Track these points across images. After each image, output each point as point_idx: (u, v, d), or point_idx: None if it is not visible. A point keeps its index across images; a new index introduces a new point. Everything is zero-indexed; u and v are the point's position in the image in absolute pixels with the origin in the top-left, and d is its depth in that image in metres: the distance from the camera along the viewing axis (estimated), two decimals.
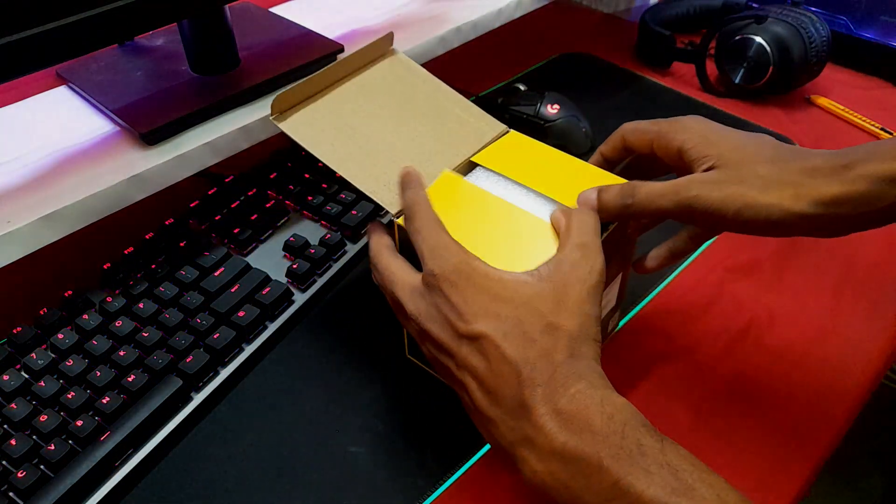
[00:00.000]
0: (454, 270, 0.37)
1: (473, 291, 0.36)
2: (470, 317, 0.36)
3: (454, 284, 0.36)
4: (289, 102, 0.47)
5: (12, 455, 0.44)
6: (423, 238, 0.39)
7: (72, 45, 0.51)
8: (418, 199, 0.41)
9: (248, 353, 0.52)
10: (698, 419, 0.49)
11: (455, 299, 0.36)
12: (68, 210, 0.52)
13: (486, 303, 0.36)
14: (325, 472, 0.46)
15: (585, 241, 0.38)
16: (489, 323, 0.35)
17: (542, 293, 0.36)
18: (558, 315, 0.35)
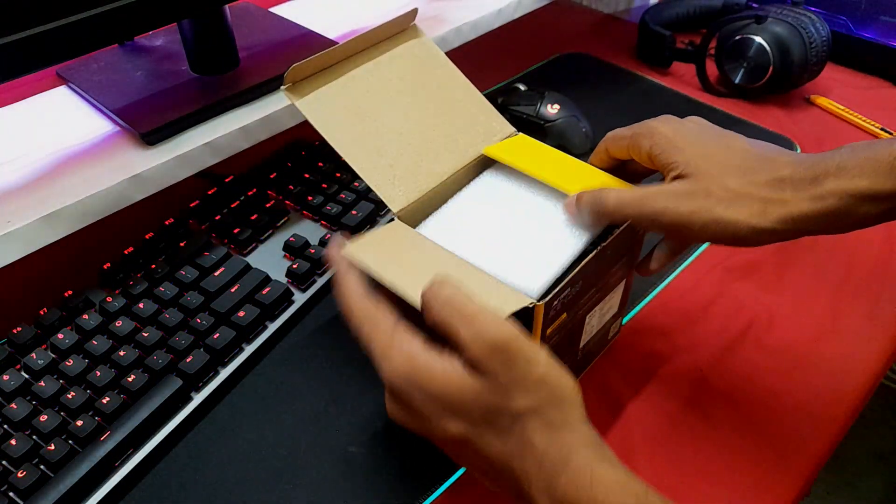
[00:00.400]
0: (405, 377, 0.35)
1: (428, 397, 0.34)
2: (438, 420, 0.35)
3: (408, 393, 0.35)
4: (303, 73, 0.45)
5: (12, 455, 0.44)
6: (367, 340, 0.37)
7: (72, 45, 0.51)
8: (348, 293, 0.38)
9: (248, 353, 0.52)
10: (698, 419, 0.49)
11: (416, 405, 0.35)
12: (68, 210, 0.52)
13: (444, 407, 0.34)
14: (325, 472, 0.46)
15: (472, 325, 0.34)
16: (459, 425, 0.34)
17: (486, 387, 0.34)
18: (516, 400, 0.33)
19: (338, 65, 0.47)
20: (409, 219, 0.45)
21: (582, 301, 0.44)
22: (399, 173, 0.45)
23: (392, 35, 0.50)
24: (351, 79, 0.47)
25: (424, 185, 0.46)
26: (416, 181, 0.46)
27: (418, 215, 0.46)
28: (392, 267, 0.40)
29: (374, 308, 0.37)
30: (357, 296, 0.38)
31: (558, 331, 0.42)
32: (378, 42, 0.50)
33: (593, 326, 0.48)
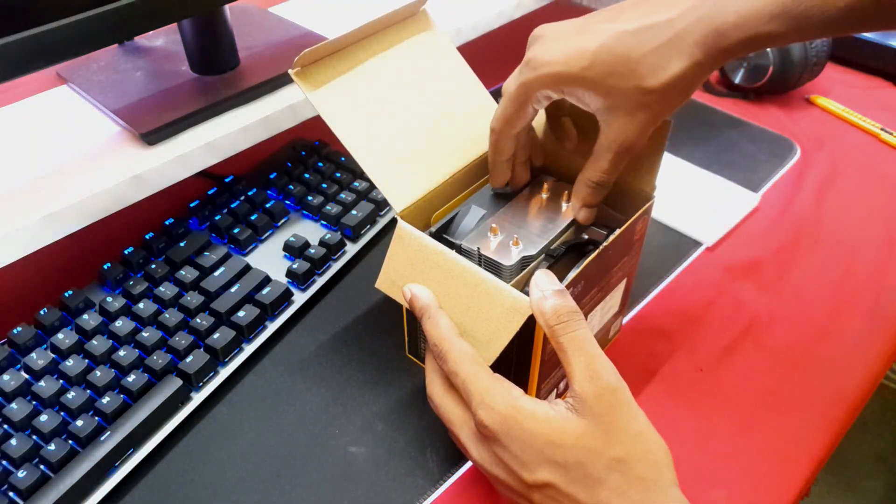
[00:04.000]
0: (503, 421, 0.36)
1: (528, 439, 0.35)
2: (532, 466, 0.35)
3: (508, 435, 0.35)
4: (312, 58, 0.44)
5: (12, 455, 0.44)
6: (465, 382, 0.38)
7: (72, 45, 0.51)
8: (443, 333, 0.39)
9: (248, 353, 0.52)
10: (698, 419, 0.49)
11: (512, 450, 0.35)
12: (68, 210, 0.52)
13: (542, 450, 0.35)
14: (325, 472, 0.46)
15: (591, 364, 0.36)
16: (552, 471, 0.34)
17: (589, 429, 0.35)
18: (614, 446, 0.34)
19: (348, 51, 0.47)
20: (411, 217, 0.45)
21: (583, 301, 0.44)
22: (404, 171, 0.45)
23: (402, 20, 0.50)
24: (361, 70, 0.47)
25: (428, 184, 0.46)
26: (419, 179, 0.46)
27: (420, 214, 0.46)
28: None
29: (472, 351, 0.39)
30: (453, 337, 0.39)
31: None
32: (388, 27, 0.49)
33: (594, 326, 0.48)
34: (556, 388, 0.48)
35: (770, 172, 0.71)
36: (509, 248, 0.44)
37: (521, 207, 0.48)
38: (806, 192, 0.69)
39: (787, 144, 0.75)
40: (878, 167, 0.72)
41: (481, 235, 0.45)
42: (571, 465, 0.34)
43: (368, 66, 0.47)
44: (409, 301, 0.42)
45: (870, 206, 0.67)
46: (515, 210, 0.48)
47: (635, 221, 0.45)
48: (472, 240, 0.45)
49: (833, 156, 0.73)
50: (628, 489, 0.34)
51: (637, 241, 0.47)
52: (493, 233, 0.45)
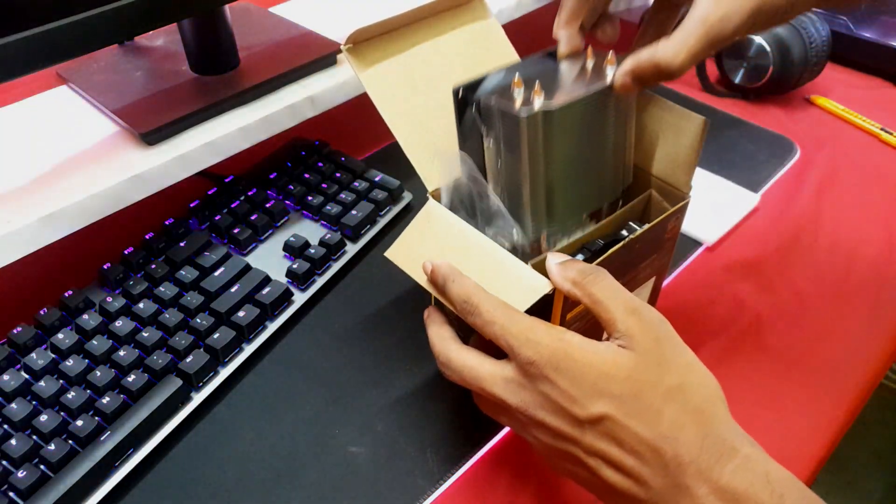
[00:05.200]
0: (553, 354, 0.34)
1: (579, 371, 0.33)
2: (585, 400, 0.33)
3: (558, 369, 0.34)
4: (364, 35, 0.45)
5: (12, 455, 0.44)
6: (503, 327, 0.36)
7: (72, 45, 0.51)
8: (471, 289, 0.38)
9: (248, 353, 0.52)
10: None
11: (563, 384, 0.33)
12: (68, 210, 0.52)
13: (595, 382, 0.33)
14: (325, 472, 0.46)
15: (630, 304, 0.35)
16: (607, 403, 0.33)
17: (641, 361, 0.34)
18: (669, 376, 0.33)
19: (400, 33, 0.47)
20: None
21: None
22: (441, 152, 0.45)
23: (458, 6, 0.49)
24: (412, 53, 0.47)
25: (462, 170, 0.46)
26: (454, 162, 0.46)
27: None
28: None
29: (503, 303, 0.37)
30: (481, 291, 0.38)
31: (579, 318, 0.43)
32: (443, 12, 0.49)
33: None
34: None
35: (770, 172, 0.71)
36: (531, 101, 0.40)
37: (558, 68, 0.45)
38: (806, 192, 0.69)
39: (787, 144, 0.75)
40: (878, 167, 0.72)
41: (504, 90, 0.42)
42: (627, 397, 0.32)
43: (419, 49, 0.47)
44: (429, 273, 0.41)
45: (870, 206, 0.67)
46: (549, 70, 0.45)
47: (667, 219, 0.44)
48: (491, 94, 0.42)
49: (833, 156, 0.73)
50: (687, 421, 0.32)
51: (668, 239, 0.47)
52: (516, 86, 0.41)
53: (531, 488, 0.45)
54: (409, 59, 0.47)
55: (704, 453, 0.31)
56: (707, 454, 0.31)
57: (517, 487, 0.45)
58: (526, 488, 0.45)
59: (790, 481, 0.31)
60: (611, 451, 0.33)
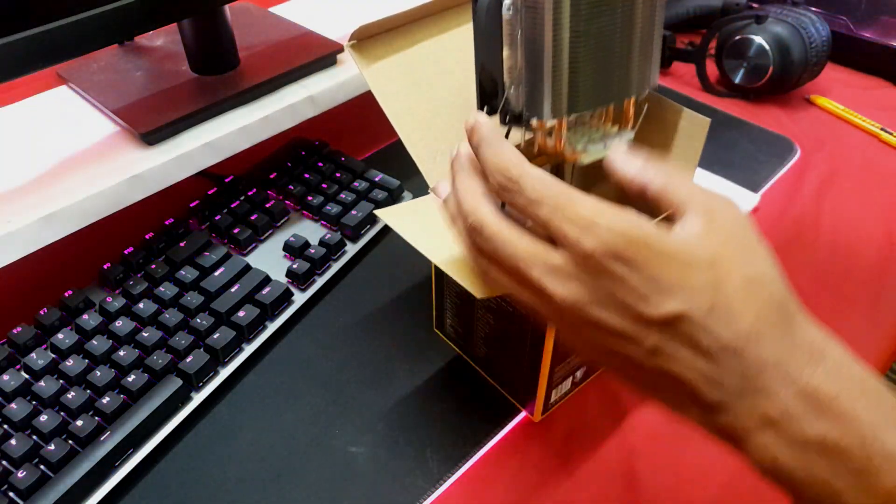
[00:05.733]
0: (626, 242, 0.28)
1: (657, 263, 0.28)
2: (660, 297, 0.28)
3: (628, 261, 0.28)
4: (369, 32, 0.45)
5: (12, 455, 0.44)
6: (555, 208, 0.29)
7: (72, 45, 0.51)
8: (512, 159, 0.31)
9: (248, 353, 0.52)
10: None
11: (634, 280, 0.28)
12: (68, 210, 0.52)
13: (674, 274, 0.28)
14: (325, 472, 0.46)
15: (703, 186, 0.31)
16: (684, 299, 0.27)
17: (721, 248, 0.28)
18: (752, 267, 0.29)
19: (405, 29, 0.46)
20: None
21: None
22: (443, 149, 0.45)
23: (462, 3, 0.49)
24: (416, 50, 0.47)
25: None
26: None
27: None
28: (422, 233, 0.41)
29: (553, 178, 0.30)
30: (524, 163, 0.31)
31: None
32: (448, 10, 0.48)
33: None
34: (573, 375, 0.48)
35: (770, 172, 0.71)
36: None
37: None
38: (806, 192, 0.69)
39: (786, 144, 0.75)
40: (878, 167, 0.72)
41: None
42: (707, 290, 0.28)
43: (423, 46, 0.47)
44: (469, 130, 0.34)
45: (870, 206, 0.67)
46: None
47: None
48: None
49: (833, 156, 0.73)
50: (773, 317, 0.28)
51: None
52: None
53: (531, 488, 0.45)
54: (413, 57, 0.47)
55: (791, 354, 0.27)
56: (794, 355, 0.27)
57: (517, 487, 0.45)
58: (526, 488, 0.45)
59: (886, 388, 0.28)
60: (681, 353, 0.28)
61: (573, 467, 0.46)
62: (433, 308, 0.53)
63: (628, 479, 0.46)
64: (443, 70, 0.47)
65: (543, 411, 0.48)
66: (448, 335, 0.53)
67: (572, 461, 0.47)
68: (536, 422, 0.49)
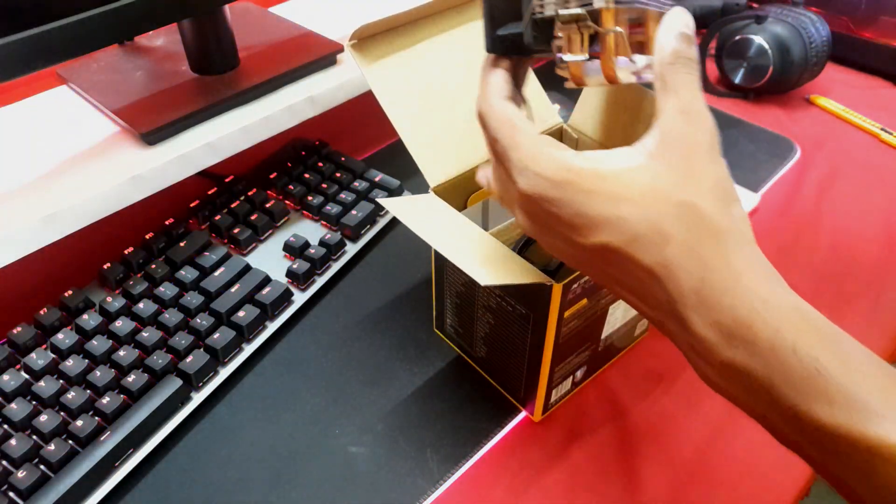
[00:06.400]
0: (552, 185, 0.30)
1: (583, 199, 0.30)
2: (587, 229, 0.30)
3: (555, 201, 0.30)
4: (369, 31, 0.45)
5: (12, 455, 0.44)
6: (504, 149, 0.32)
7: (72, 45, 0.51)
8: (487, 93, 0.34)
9: (248, 353, 0.52)
10: (699, 419, 0.49)
11: (563, 214, 0.30)
12: (68, 210, 0.52)
13: (601, 207, 0.29)
14: (325, 472, 0.46)
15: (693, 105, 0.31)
16: (611, 231, 0.29)
17: (661, 173, 0.30)
18: (687, 192, 0.29)
19: (405, 29, 0.47)
20: (442, 195, 0.45)
21: (605, 290, 0.44)
22: (443, 149, 0.46)
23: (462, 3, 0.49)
24: (417, 49, 0.47)
25: (464, 164, 0.47)
26: (457, 159, 0.47)
27: (455, 193, 0.47)
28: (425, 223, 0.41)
29: (518, 113, 0.33)
30: (495, 98, 0.34)
31: (577, 316, 0.43)
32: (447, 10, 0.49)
33: (617, 319, 0.48)
34: (573, 375, 0.48)
35: (770, 172, 0.71)
36: None
37: None
38: (806, 192, 0.69)
39: (787, 144, 0.75)
40: (878, 167, 0.72)
41: None
42: (634, 218, 0.29)
43: (424, 46, 0.47)
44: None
45: (870, 206, 0.67)
46: None
47: None
48: None
49: (833, 156, 0.73)
50: (698, 244, 0.29)
51: None
52: None
53: (531, 488, 0.45)
54: (414, 56, 0.47)
55: (705, 285, 0.28)
56: (708, 286, 0.28)
57: (517, 487, 0.45)
58: (526, 488, 0.45)
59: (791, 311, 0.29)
60: (616, 276, 0.31)
61: (573, 467, 0.46)
62: (433, 308, 0.53)
63: (628, 479, 0.46)
64: (443, 69, 0.47)
65: (543, 411, 0.49)
66: (448, 335, 0.53)
67: (572, 461, 0.47)
68: (536, 422, 0.49)
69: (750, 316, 0.28)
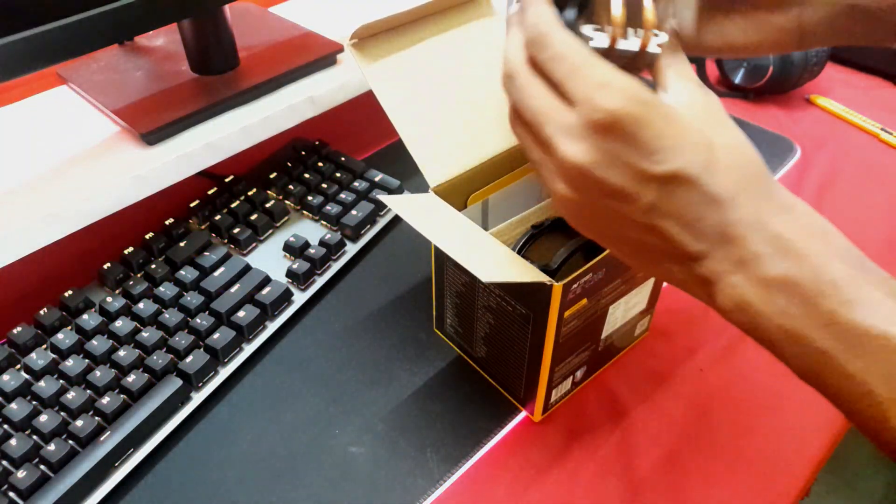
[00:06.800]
0: (635, 102, 0.30)
1: (662, 124, 0.30)
2: (663, 155, 0.30)
3: (637, 119, 0.30)
4: (370, 31, 0.45)
5: (12, 455, 0.44)
6: (574, 66, 0.31)
7: (72, 45, 0.51)
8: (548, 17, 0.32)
9: (248, 353, 0.52)
10: (698, 419, 0.49)
11: (642, 136, 0.30)
12: (68, 210, 0.52)
13: (676, 133, 0.30)
14: (325, 472, 0.46)
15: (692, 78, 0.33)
16: (684, 156, 0.30)
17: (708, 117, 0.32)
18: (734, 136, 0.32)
19: (405, 29, 0.47)
20: (445, 195, 0.45)
21: (605, 290, 0.44)
22: (443, 149, 0.46)
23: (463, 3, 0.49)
24: (417, 49, 0.47)
25: (464, 164, 0.47)
26: (457, 159, 0.47)
27: (455, 192, 0.47)
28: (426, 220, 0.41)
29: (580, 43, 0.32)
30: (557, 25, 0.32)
31: (577, 316, 0.43)
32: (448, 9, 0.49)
33: (617, 319, 0.48)
34: (573, 375, 0.48)
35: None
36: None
37: None
38: (806, 192, 0.69)
39: (787, 144, 0.75)
40: (878, 167, 0.72)
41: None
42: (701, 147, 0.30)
43: (424, 46, 0.47)
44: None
45: (870, 206, 0.67)
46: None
47: None
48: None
49: (833, 156, 0.73)
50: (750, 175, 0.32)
51: None
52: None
53: (531, 488, 0.45)
54: (414, 56, 0.47)
55: (765, 206, 0.31)
56: (767, 208, 0.31)
57: (517, 487, 0.45)
58: (526, 488, 0.45)
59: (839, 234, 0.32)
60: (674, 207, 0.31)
61: (573, 467, 0.46)
62: (433, 308, 0.53)
63: (628, 479, 0.46)
64: (443, 69, 0.47)
65: (543, 411, 0.49)
66: (448, 335, 0.53)
67: (572, 461, 0.47)
68: (536, 422, 0.49)
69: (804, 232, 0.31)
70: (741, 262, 0.31)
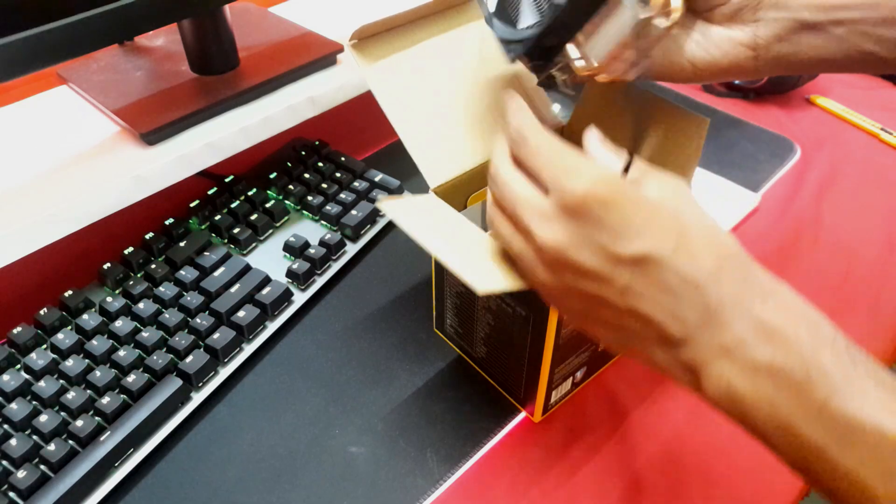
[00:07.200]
0: (605, 186, 0.31)
1: (630, 208, 0.31)
2: (629, 237, 0.31)
3: (606, 203, 0.31)
4: (370, 31, 0.45)
5: (12, 455, 0.44)
6: (549, 158, 0.33)
7: (72, 45, 0.51)
8: (528, 121, 0.36)
9: (248, 353, 0.52)
10: (698, 419, 0.49)
11: (610, 219, 0.31)
12: (68, 210, 0.52)
13: (644, 218, 0.31)
14: (325, 472, 0.46)
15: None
16: (652, 239, 0.31)
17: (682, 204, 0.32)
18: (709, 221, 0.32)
19: (405, 29, 0.47)
20: (445, 196, 0.45)
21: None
22: (443, 150, 0.45)
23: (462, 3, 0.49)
24: (417, 49, 0.47)
25: (465, 165, 0.47)
26: (457, 160, 0.47)
27: (455, 193, 0.46)
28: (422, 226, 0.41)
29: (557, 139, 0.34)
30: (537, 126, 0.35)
31: None
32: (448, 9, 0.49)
33: None
34: (573, 376, 0.48)
35: (770, 172, 0.71)
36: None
37: None
38: (806, 192, 0.69)
39: (787, 144, 0.75)
40: (878, 167, 0.72)
41: None
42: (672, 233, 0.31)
43: (424, 46, 0.47)
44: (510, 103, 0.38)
45: (870, 206, 0.67)
46: None
47: None
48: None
49: (833, 156, 0.73)
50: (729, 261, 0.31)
51: None
52: None
53: (531, 488, 0.45)
54: (414, 56, 0.47)
55: (746, 291, 0.31)
56: (749, 292, 0.31)
57: (517, 487, 0.45)
58: (526, 488, 0.45)
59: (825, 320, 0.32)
60: (649, 291, 0.31)
61: (573, 467, 0.46)
62: (433, 308, 0.53)
63: (628, 479, 0.46)
64: (443, 70, 0.47)
65: (543, 411, 0.49)
66: (448, 335, 0.53)
67: (572, 461, 0.47)
68: (536, 422, 0.49)
69: (792, 315, 0.31)
70: (726, 347, 0.30)
